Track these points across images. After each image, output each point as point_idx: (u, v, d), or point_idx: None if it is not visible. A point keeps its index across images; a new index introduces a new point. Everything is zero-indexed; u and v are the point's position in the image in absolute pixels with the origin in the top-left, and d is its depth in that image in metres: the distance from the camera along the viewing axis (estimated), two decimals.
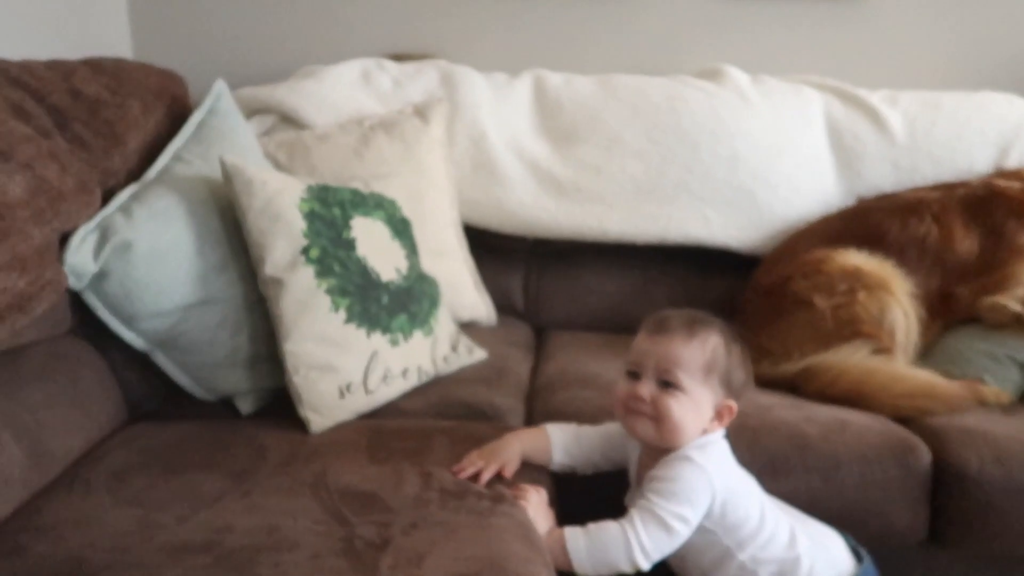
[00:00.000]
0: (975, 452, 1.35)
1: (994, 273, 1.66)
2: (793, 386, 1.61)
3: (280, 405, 1.37)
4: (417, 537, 1.00)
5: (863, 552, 1.24)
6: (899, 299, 1.64)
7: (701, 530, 1.13)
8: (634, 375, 1.17)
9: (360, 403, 1.36)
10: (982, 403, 1.53)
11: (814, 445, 1.36)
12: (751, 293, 1.84)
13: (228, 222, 1.37)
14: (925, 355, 1.69)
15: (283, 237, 1.32)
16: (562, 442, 1.26)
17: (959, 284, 1.69)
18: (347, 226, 1.40)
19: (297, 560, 0.94)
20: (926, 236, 1.72)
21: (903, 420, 1.48)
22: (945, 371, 1.60)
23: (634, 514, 1.10)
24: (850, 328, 1.65)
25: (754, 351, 1.73)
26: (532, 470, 1.22)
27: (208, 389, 1.42)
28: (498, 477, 1.16)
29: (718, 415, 1.17)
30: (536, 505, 1.12)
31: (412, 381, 1.45)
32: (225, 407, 1.42)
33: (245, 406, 1.41)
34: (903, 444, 1.37)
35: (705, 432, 1.17)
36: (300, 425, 1.30)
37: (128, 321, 1.32)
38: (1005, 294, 1.63)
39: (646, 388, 1.14)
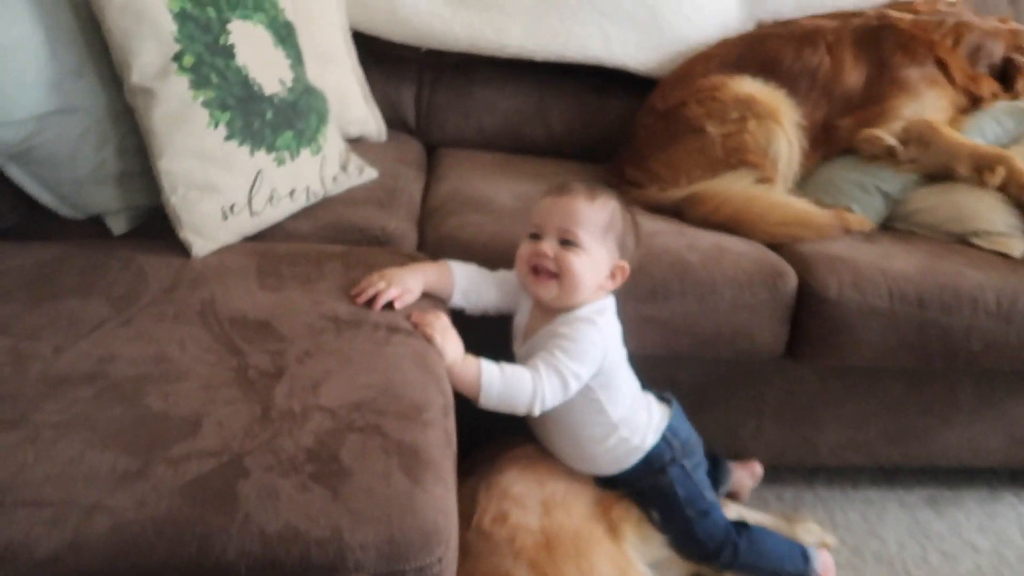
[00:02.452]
0: (836, 277, 1.46)
1: (875, 106, 1.72)
2: (678, 211, 1.66)
3: (156, 225, 1.29)
4: (312, 365, 1.00)
5: (669, 396, 1.36)
6: (786, 129, 1.68)
7: (583, 389, 1.20)
8: (536, 236, 1.20)
9: (245, 225, 1.30)
10: (848, 230, 1.64)
11: (694, 272, 1.42)
12: (645, 116, 1.83)
13: (84, 20, 1.20)
14: (802, 184, 1.76)
15: (150, 40, 1.18)
16: (463, 284, 1.27)
17: (843, 116, 1.73)
18: (224, 30, 1.26)
19: (188, 390, 0.93)
20: (818, 67, 1.74)
21: (777, 246, 1.57)
22: (818, 199, 1.69)
23: (540, 366, 1.15)
24: (737, 156, 1.68)
25: (644, 175, 1.77)
26: (426, 301, 1.22)
27: (74, 206, 1.31)
28: (390, 306, 1.16)
29: (611, 275, 1.23)
30: (443, 330, 1.13)
31: (300, 202, 1.40)
32: (94, 226, 1.33)
33: (117, 226, 1.32)
34: (773, 270, 1.46)
35: (600, 289, 1.22)
36: (180, 248, 1.24)
37: None
38: (882, 127, 1.69)
39: (549, 245, 1.18)
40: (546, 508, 1.20)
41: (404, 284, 1.18)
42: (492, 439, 1.32)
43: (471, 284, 1.28)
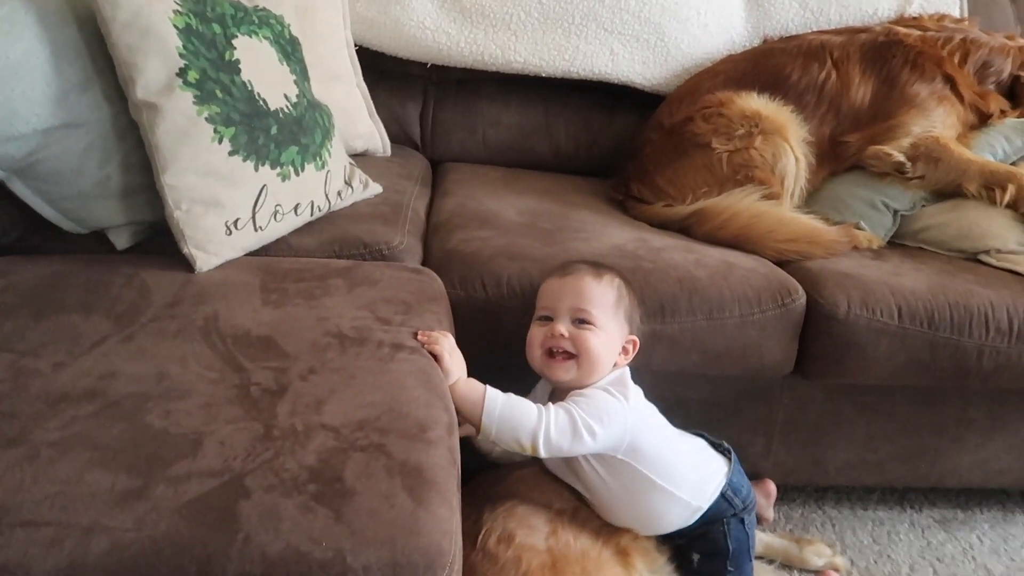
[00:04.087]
0: (845, 295, 1.44)
1: (883, 122, 1.71)
2: (685, 227, 1.65)
3: (159, 240, 1.28)
4: (315, 383, 0.98)
5: (726, 446, 1.33)
6: (792, 146, 1.67)
7: (619, 466, 1.18)
8: (547, 319, 1.21)
9: (249, 240, 1.29)
10: (856, 247, 1.63)
11: (702, 288, 1.41)
12: (652, 132, 1.83)
13: (89, 34, 1.20)
14: (809, 200, 1.75)
15: (155, 55, 1.17)
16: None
17: (850, 132, 1.73)
18: (229, 45, 1.26)
19: (189, 408, 0.91)
20: (825, 82, 1.73)
21: (784, 263, 1.55)
22: (825, 216, 1.68)
23: (551, 406, 1.14)
24: (744, 172, 1.67)
25: (650, 191, 1.76)
26: (432, 319, 1.21)
27: (77, 221, 1.30)
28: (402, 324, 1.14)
29: (623, 350, 1.23)
30: (450, 349, 1.12)
31: (305, 217, 1.39)
32: (97, 240, 1.32)
33: (120, 241, 1.31)
34: (782, 286, 1.45)
35: (616, 367, 1.22)
36: (183, 263, 1.23)
37: None
38: (891, 143, 1.68)
39: (562, 326, 1.18)
40: (553, 529, 1.18)
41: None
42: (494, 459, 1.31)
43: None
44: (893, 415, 1.57)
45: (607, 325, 1.19)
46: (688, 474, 1.24)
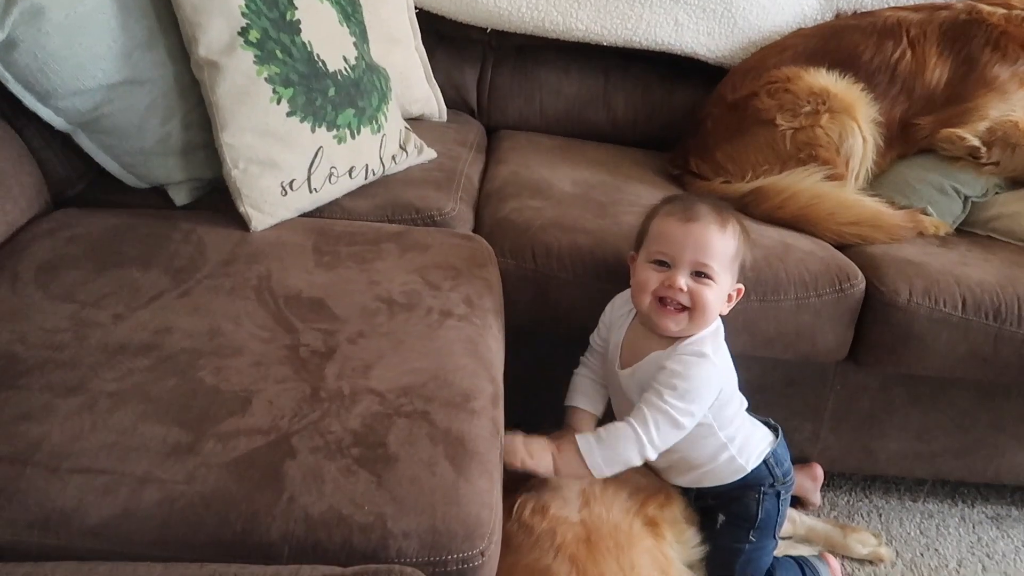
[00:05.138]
0: (907, 283, 1.39)
1: (959, 105, 1.63)
2: (743, 205, 1.61)
3: (217, 197, 1.30)
4: (364, 346, 0.99)
5: (773, 423, 1.30)
6: (861, 126, 1.61)
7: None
8: (663, 264, 1.15)
9: (304, 201, 1.30)
10: (921, 233, 1.57)
11: (757, 268, 1.37)
12: (713, 107, 1.78)
13: None
14: (875, 183, 1.69)
15: (219, 15, 1.18)
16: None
17: (923, 114, 1.65)
18: (291, 6, 1.26)
19: (240, 366, 0.93)
20: (899, 61, 1.66)
21: (845, 247, 1.51)
22: (891, 200, 1.62)
23: (646, 412, 1.10)
24: (807, 151, 1.62)
25: (709, 166, 1.72)
26: (482, 285, 1.20)
27: (139, 176, 1.33)
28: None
29: (728, 298, 1.19)
30: (525, 453, 1.08)
31: (359, 180, 1.39)
32: (157, 195, 1.35)
33: (179, 197, 1.34)
34: (841, 271, 1.41)
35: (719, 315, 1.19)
36: (239, 221, 1.25)
37: (44, 97, 1.19)
38: (965, 127, 1.61)
39: (682, 279, 1.12)
40: (585, 500, 1.17)
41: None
42: (538, 430, 1.31)
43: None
44: (950, 408, 1.53)
45: (723, 278, 1.15)
46: (741, 428, 1.22)
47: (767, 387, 1.51)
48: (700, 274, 1.13)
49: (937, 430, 1.55)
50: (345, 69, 1.35)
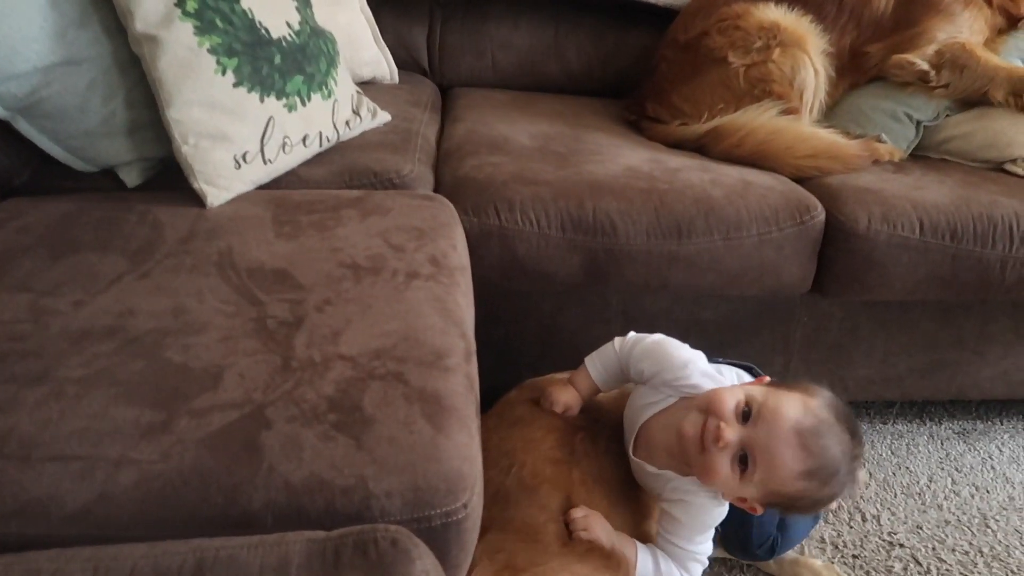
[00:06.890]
0: (865, 210, 1.41)
1: (907, 30, 1.64)
2: (701, 146, 1.62)
3: (170, 176, 1.27)
4: (331, 313, 0.99)
5: (757, 371, 1.27)
6: (812, 58, 1.62)
7: None
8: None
9: (259, 173, 1.28)
10: (877, 161, 1.59)
11: (718, 207, 1.39)
12: (666, 49, 1.77)
13: None
14: (829, 114, 1.70)
15: None
16: (601, 378, 1.20)
17: (872, 42, 1.66)
18: None
19: (207, 342, 0.92)
20: None
21: (803, 180, 1.52)
22: (846, 130, 1.63)
23: (673, 566, 1.10)
24: (761, 87, 1.63)
25: (665, 110, 1.72)
26: (447, 244, 1.20)
27: (86, 160, 1.29)
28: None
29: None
30: (606, 533, 1.06)
31: (314, 148, 1.37)
32: (108, 178, 1.31)
33: (130, 178, 1.30)
34: (800, 204, 1.42)
35: None
36: (195, 198, 1.22)
37: None
38: (914, 51, 1.62)
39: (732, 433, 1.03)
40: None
41: (566, 402, 1.15)
42: (514, 381, 1.31)
43: (609, 376, 1.21)
44: (913, 330, 1.56)
45: None
46: None
47: (736, 325, 1.54)
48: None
49: (902, 353, 1.59)
50: (289, 35, 1.32)
